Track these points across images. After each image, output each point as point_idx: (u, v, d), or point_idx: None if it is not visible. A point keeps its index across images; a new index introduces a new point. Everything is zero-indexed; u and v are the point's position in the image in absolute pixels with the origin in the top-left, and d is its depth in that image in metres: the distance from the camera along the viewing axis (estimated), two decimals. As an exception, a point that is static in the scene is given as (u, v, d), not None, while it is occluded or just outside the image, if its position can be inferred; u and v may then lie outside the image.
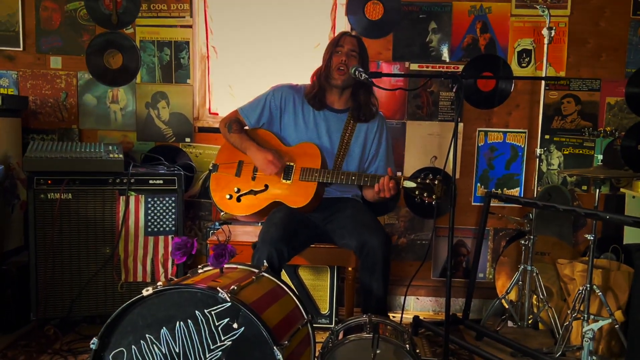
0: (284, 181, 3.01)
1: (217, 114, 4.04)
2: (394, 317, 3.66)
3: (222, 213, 3.14)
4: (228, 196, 3.08)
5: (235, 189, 3.07)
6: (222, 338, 2.00)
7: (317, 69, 3.14)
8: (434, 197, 2.67)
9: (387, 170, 2.86)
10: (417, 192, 2.70)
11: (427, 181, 2.68)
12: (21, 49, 3.88)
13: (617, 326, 3.11)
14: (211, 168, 3.18)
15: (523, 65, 3.86)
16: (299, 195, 2.96)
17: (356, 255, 2.92)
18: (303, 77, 3.26)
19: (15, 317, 3.40)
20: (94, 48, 3.86)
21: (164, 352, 2.03)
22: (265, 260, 2.67)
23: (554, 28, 3.54)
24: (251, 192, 3.06)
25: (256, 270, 2.45)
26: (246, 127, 3.19)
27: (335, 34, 3.86)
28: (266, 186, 3.04)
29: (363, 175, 2.91)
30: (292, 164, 3.02)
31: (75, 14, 3.87)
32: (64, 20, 3.87)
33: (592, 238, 3.09)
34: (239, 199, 3.07)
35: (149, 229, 3.49)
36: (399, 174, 3.77)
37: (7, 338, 3.29)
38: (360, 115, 3.11)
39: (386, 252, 2.78)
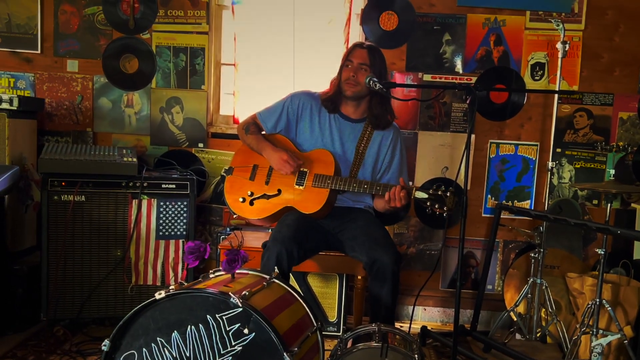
0: (297, 187, 3.03)
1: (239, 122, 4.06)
2: (401, 326, 3.66)
3: (234, 215, 3.16)
4: (241, 199, 3.09)
5: (249, 193, 3.09)
6: (233, 343, 2.02)
7: (335, 78, 3.18)
8: (445, 208, 2.68)
9: (399, 180, 2.88)
10: (428, 203, 2.71)
11: (439, 192, 2.68)
12: (39, 51, 3.93)
13: (626, 342, 3.10)
14: (226, 169, 3.21)
15: (536, 78, 3.86)
16: (311, 201, 2.98)
17: (365, 271, 2.92)
18: (320, 87, 3.28)
19: (25, 317, 3.43)
20: (111, 52, 3.90)
21: (174, 355, 2.05)
22: (274, 260, 2.68)
23: (568, 42, 3.55)
24: (264, 196, 3.08)
25: (267, 276, 2.47)
26: (263, 132, 3.21)
27: (349, 43, 3.90)
28: (279, 191, 3.06)
29: (375, 184, 2.92)
30: (305, 169, 3.04)
31: (93, 18, 3.91)
32: (82, 24, 3.92)
33: (602, 252, 3.08)
34: (251, 203, 3.08)
35: (160, 233, 3.51)
36: (410, 183, 3.78)
37: (16, 337, 3.31)
38: (378, 123, 3.12)
39: (396, 269, 2.78)
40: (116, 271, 3.46)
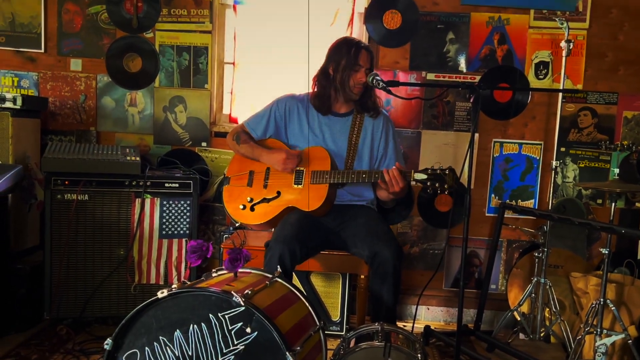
0: (295, 186, 3.03)
1: (236, 120, 4.07)
2: (404, 326, 3.66)
3: (237, 224, 3.15)
4: (241, 206, 3.08)
5: (248, 199, 3.08)
6: (235, 342, 2.01)
7: (318, 73, 3.15)
8: (446, 186, 2.68)
9: (396, 164, 2.87)
10: (429, 183, 2.71)
11: (438, 171, 2.69)
12: (42, 50, 3.93)
13: (630, 341, 3.08)
14: (225, 175, 3.20)
15: (540, 77, 3.85)
16: (312, 199, 2.97)
17: (367, 265, 2.91)
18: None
19: (28, 316, 3.43)
20: (114, 51, 3.90)
21: (177, 354, 2.04)
22: (277, 259, 2.68)
23: (572, 41, 3.53)
24: (264, 200, 3.07)
25: (270, 275, 2.46)
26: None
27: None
28: (278, 193, 3.05)
29: (374, 172, 2.91)
30: (302, 168, 3.03)
31: (97, 17, 3.91)
32: (85, 24, 3.92)
33: (606, 252, 3.07)
34: (252, 208, 3.08)
35: (164, 232, 3.51)
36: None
37: (20, 337, 3.31)
38: (367, 107, 3.14)
39: (398, 263, 2.77)
40: (119, 270, 3.46)
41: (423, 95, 3.89)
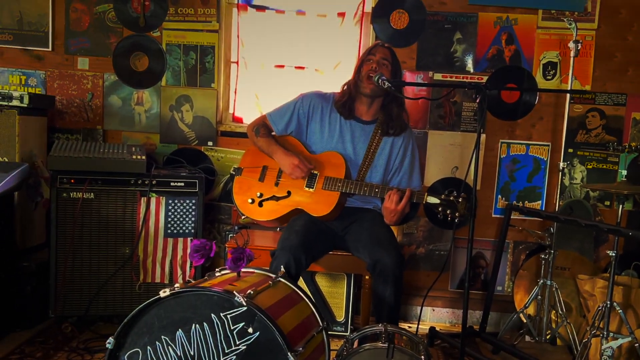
0: (306, 189, 3.01)
1: (241, 119, 4.08)
2: (409, 327, 3.65)
3: (242, 217, 3.14)
4: (250, 200, 3.08)
5: (258, 194, 3.08)
6: (237, 342, 2.01)
7: (349, 80, 3.13)
8: (457, 214, 2.66)
9: (409, 183, 2.85)
10: (440, 209, 2.70)
11: (451, 198, 2.66)
12: (50, 49, 3.94)
13: (637, 345, 3.06)
14: (234, 172, 3.19)
15: (548, 77, 3.83)
16: (321, 204, 2.96)
17: (369, 271, 2.90)
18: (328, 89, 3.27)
19: (34, 314, 3.44)
20: (121, 50, 3.91)
21: (178, 354, 2.04)
22: (282, 268, 2.67)
23: (581, 41, 3.51)
24: (273, 197, 3.06)
25: (273, 275, 2.46)
26: (273, 133, 3.19)
27: (362, 41, 3.89)
28: (289, 193, 3.04)
29: (386, 187, 2.89)
30: (315, 172, 3.02)
31: (104, 16, 3.92)
32: (93, 22, 3.93)
33: (613, 254, 3.04)
34: (260, 204, 3.07)
35: (169, 231, 3.52)
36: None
37: (25, 334, 3.32)
38: (388, 129, 3.07)
39: (398, 271, 2.74)
40: (124, 269, 3.47)
41: (430, 95, 3.88)
